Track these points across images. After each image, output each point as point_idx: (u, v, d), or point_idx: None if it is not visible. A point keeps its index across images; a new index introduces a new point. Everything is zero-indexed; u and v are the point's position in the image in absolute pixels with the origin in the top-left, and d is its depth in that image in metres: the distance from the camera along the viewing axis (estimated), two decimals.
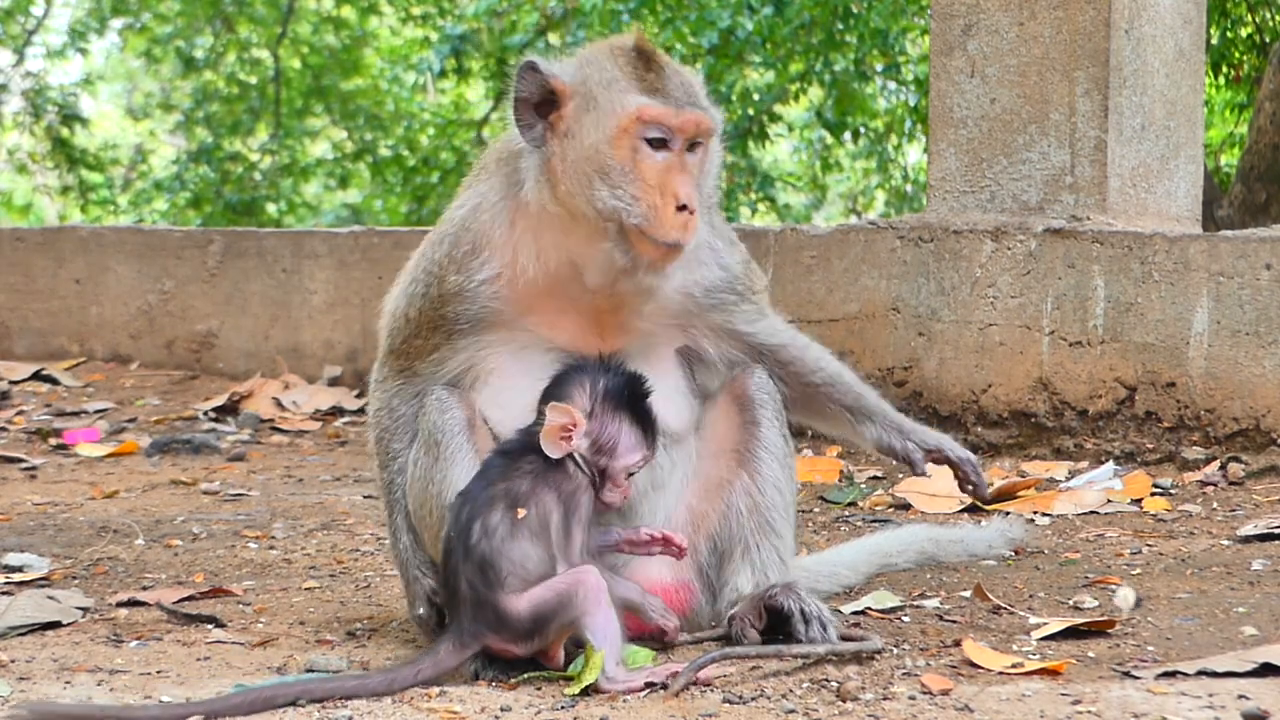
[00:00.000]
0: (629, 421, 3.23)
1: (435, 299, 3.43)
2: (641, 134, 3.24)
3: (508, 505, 3.14)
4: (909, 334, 6.23)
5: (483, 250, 3.39)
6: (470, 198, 3.47)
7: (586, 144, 3.26)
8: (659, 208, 3.21)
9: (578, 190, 3.25)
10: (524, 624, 3.09)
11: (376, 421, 3.56)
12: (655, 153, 3.25)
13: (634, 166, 3.23)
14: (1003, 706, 2.89)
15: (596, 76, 3.30)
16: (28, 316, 9.49)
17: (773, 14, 15.66)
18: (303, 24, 23.59)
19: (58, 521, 5.22)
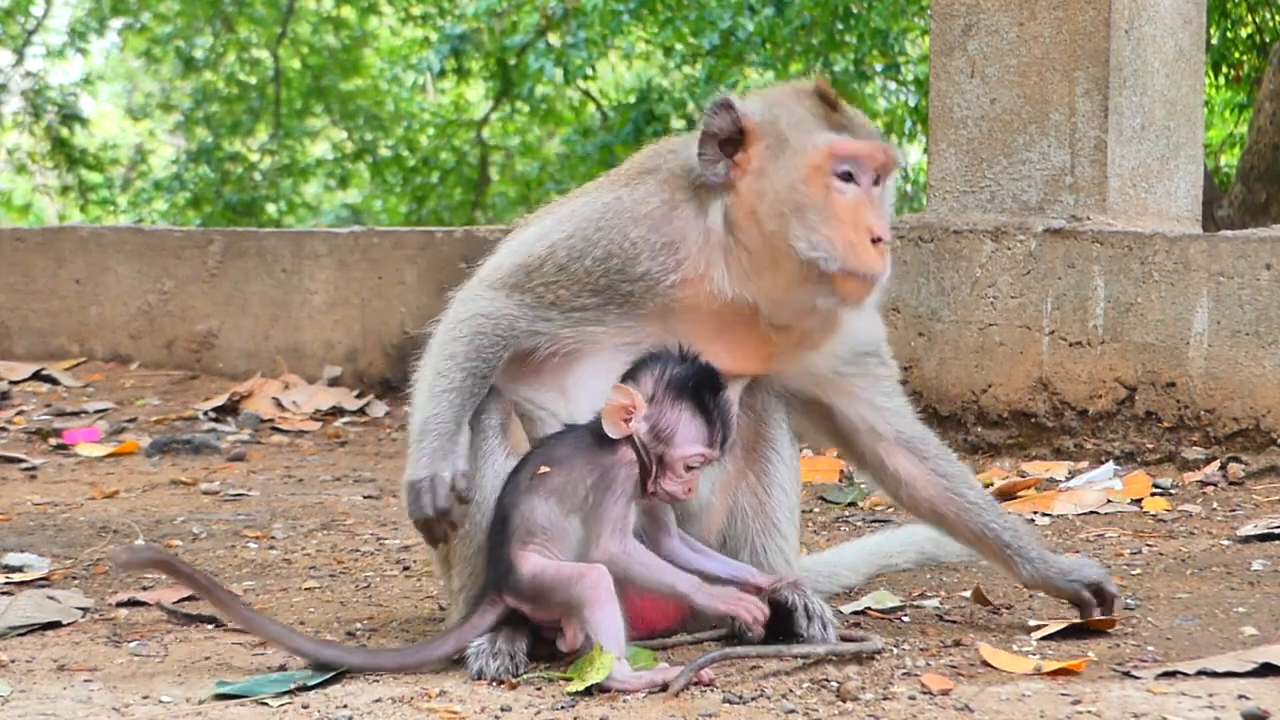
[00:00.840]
0: (690, 412, 3.23)
1: (616, 271, 3.34)
2: (834, 170, 3.28)
3: (537, 463, 3.22)
4: (909, 334, 6.23)
5: (680, 250, 3.35)
6: (660, 197, 3.40)
7: (781, 184, 3.29)
8: (855, 243, 3.25)
9: (777, 231, 3.28)
10: (525, 583, 3.16)
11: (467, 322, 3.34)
12: (846, 186, 3.29)
13: (827, 203, 3.27)
14: (1003, 706, 2.89)
15: (786, 117, 3.34)
16: (28, 316, 9.49)
17: (773, 15, 15.67)
18: (303, 24, 23.60)
19: (58, 521, 5.22)
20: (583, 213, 3.42)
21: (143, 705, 3.01)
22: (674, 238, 3.35)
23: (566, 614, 3.16)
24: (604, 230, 3.36)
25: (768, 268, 3.31)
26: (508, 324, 3.34)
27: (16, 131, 23.23)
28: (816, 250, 3.24)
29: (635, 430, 3.22)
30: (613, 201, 3.40)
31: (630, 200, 3.39)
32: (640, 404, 3.22)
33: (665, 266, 3.33)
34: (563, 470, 3.21)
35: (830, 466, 5.93)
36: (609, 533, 3.17)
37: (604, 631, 3.08)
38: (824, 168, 3.27)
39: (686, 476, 3.24)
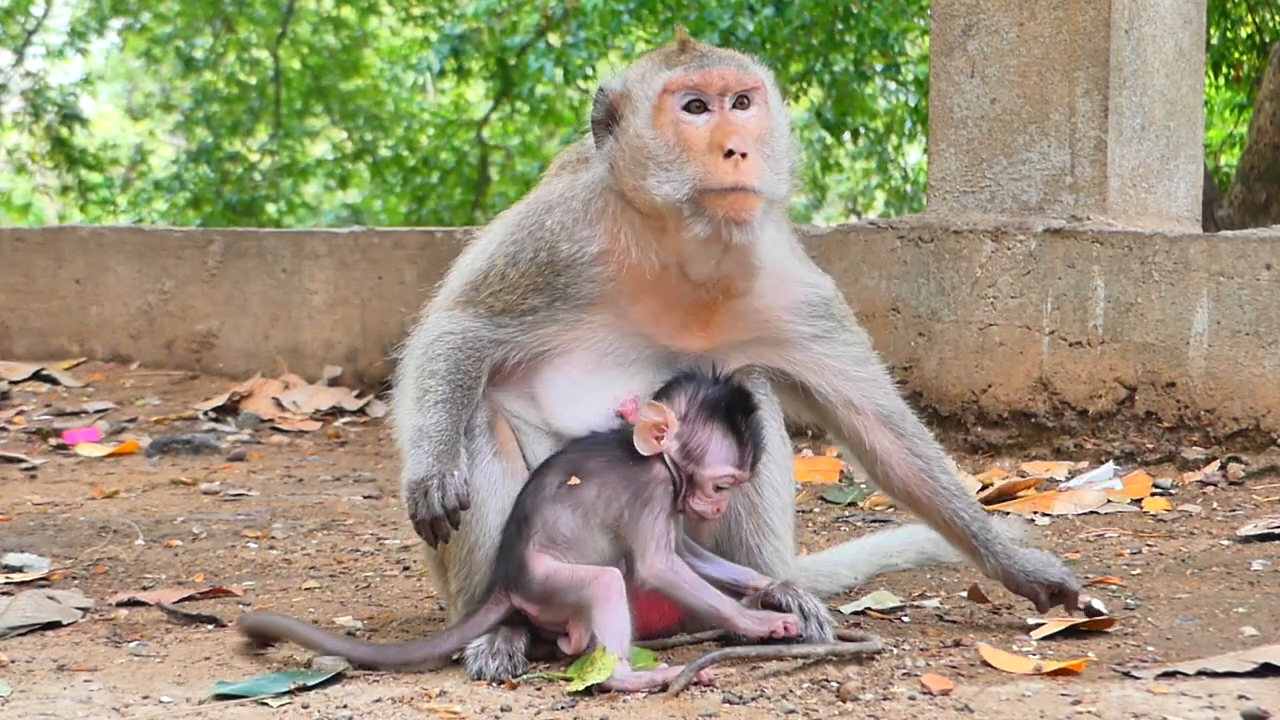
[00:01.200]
0: (722, 433, 3.25)
1: (545, 264, 3.39)
2: (677, 105, 3.28)
3: (567, 471, 3.24)
4: (909, 334, 6.23)
5: (591, 227, 3.39)
6: (564, 182, 3.49)
7: (633, 136, 3.31)
8: (706, 164, 3.24)
9: (640, 184, 3.29)
10: (536, 584, 3.17)
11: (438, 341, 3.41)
12: (696, 117, 3.29)
13: (678, 138, 3.27)
14: (1003, 706, 2.89)
15: (635, 76, 3.38)
16: (28, 316, 9.49)
17: (773, 15, 15.66)
18: (303, 24, 23.59)
19: (58, 521, 5.22)
20: (510, 219, 3.52)
21: (143, 705, 3.01)
22: (584, 214, 3.40)
23: (574, 617, 3.17)
24: (526, 228, 3.44)
25: (653, 220, 3.32)
26: (474, 336, 3.39)
27: (16, 131, 23.22)
28: (666, 184, 3.25)
29: (667, 448, 3.23)
30: (531, 200, 3.50)
31: (544, 194, 3.48)
32: (673, 422, 3.24)
33: (581, 244, 3.37)
34: (594, 484, 3.22)
35: (830, 466, 5.93)
36: (654, 549, 3.20)
37: (610, 631, 3.08)
38: (664, 106, 3.28)
39: (716, 496, 3.26)
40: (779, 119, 3.38)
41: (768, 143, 3.31)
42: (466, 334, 3.39)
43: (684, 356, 3.41)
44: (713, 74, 3.28)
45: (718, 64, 3.31)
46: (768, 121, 3.33)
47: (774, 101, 3.38)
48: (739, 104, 3.30)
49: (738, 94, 3.29)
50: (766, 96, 3.34)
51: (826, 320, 3.53)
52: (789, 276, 3.49)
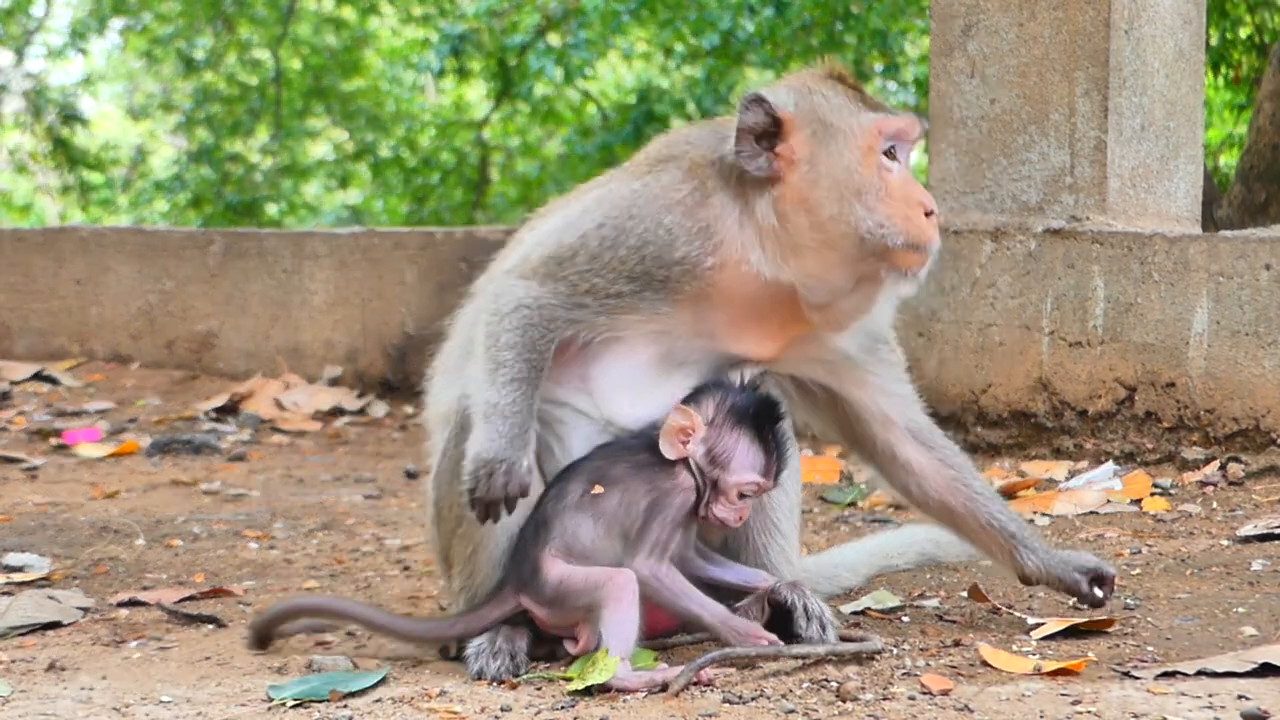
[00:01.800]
0: (749, 440, 3.26)
1: (654, 259, 3.34)
2: (881, 149, 3.34)
3: (592, 480, 3.23)
4: (909, 334, 6.23)
5: (715, 235, 3.36)
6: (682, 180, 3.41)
7: (837, 168, 3.33)
8: (911, 218, 3.32)
9: (837, 215, 3.30)
10: (549, 588, 3.17)
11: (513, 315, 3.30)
12: (892, 164, 3.36)
13: (882, 183, 3.32)
14: (1003, 706, 2.89)
15: (822, 104, 3.38)
16: (28, 316, 9.49)
17: (773, 15, 15.67)
18: (303, 24, 23.60)
19: (58, 521, 5.22)
20: (611, 200, 3.41)
21: (142, 705, 3.01)
22: (709, 223, 3.36)
23: (585, 619, 3.16)
24: (636, 218, 3.36)
25: (819, 249, 3.32)
26: (549, 315, 3.32)
27: (17, 131, 23.23)
28: (882, 228, 3.29)
29: (692, 453, 3.23)
30: (641, 189, 3.40)
31: (658, 187, 3.39)
32: (699, 426, 3.24)
33: (702, 250, 3.34)
34: (618, 491, 3.22)
35: (830, 466, 5.93)
36: (646, 552, 3.19)
37: (616, 631, 3.09)
38: (875, 147, 3.33)
39: (739, 504, 3.26)
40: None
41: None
42: (543, 310, 3.31)
43: (745, 364, 3.42)
44: (914, 124, 3.38)
45: (907, 113, 3.40)
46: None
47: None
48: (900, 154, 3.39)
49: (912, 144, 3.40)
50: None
51: (875, 339, 3.56)
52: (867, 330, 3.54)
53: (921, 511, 3.73)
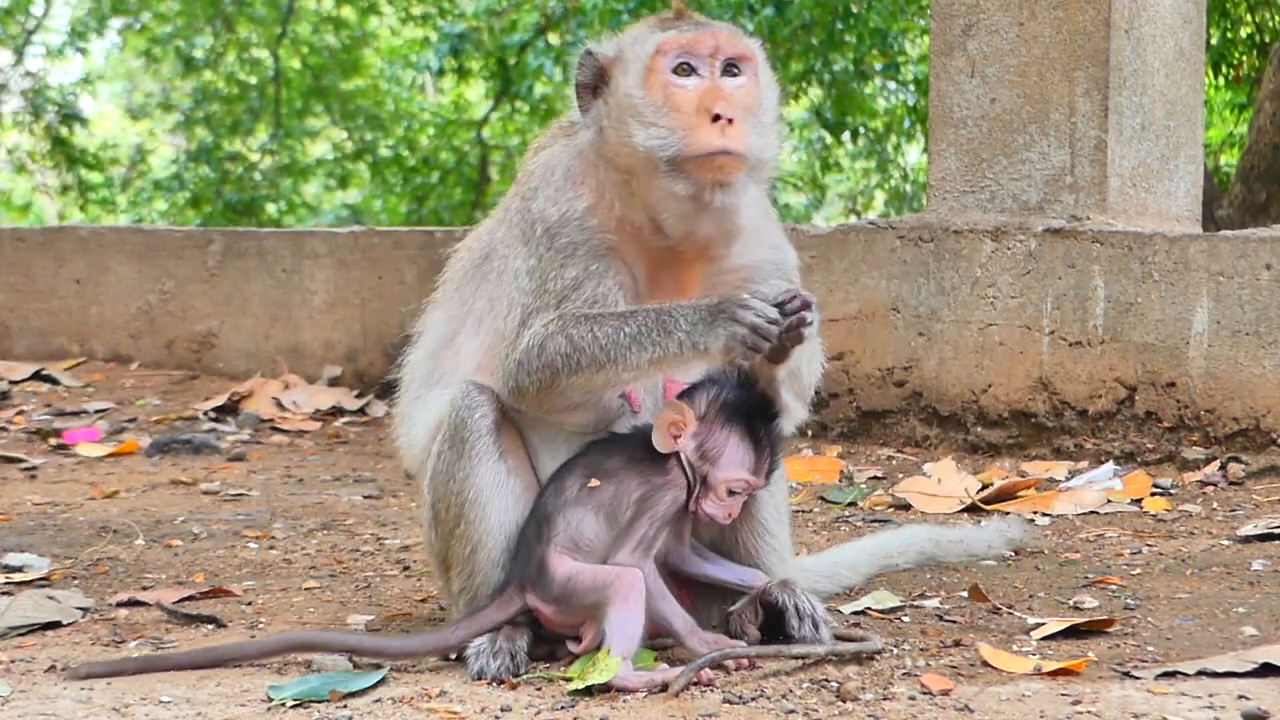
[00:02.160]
0: (739, 436, 3.24)
1: (545, 235, 3.37)
2: (667, 67, 3.30)
3: (588, 473, 3.23)
4: (909, 334, 6.23)
5: (574, 186, 3.40)
6: (547, 155, 3.49)
7: (622, 96, 3.33)
8: (693, 126, 3.26)
9: (624, 142, 3.31)
10: (555, 586, 3.17)
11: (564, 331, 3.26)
12: (685, 80, 3.30)
13: (666, 99, 3.29)
14: (1003, 706, 2.89)
15: (628, 40, 3.40)
16: (28, 316, 9.49)
17: (773, 14, 15.67)
18: (303, 24, 23.60)
19: (58, 521, 5.22)
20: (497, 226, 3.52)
21: (142, 705, 3.01)
22: (567, 177, 3.41)
23: (591, 618, 3.16)
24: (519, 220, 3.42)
25: (636, 179, 3.32)
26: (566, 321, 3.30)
27: (16, 131, 23.23)
28: (653, 140, 3.26)
29: (683, 448, 3.23)
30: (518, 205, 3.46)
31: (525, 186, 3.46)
32: (691, 421, 3.23)
33: (568, 200, 3.37)
34: (612, 484, 3.22)
35: (830, 466, 5.93)
36: (630, 548, 3.19)
37: (620, 630, 3.08)
38: (655, 66, 3.30)
39: (728, 500, 3.25)
40: (768, 91, 3.40)
41: (755, 112, 3.33)
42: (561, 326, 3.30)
43: None
44: (704, 35, 3.31)
45: (710, 27, 3.34)
46: (756, 92, 3.35)
47: (764, 74, 3.40)
48: (728, 70, 3.32)
49: (727, 59, 3.31)
50: (756, 68, 3.36)
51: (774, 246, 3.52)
52: (762, 240, 3.49)
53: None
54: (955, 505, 5.18)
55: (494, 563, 3.31)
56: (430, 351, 3.62)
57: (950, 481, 5.38)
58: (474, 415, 3.34)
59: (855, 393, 6.39)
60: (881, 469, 5.93)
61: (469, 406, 3.35)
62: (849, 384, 6.41)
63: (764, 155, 3.34)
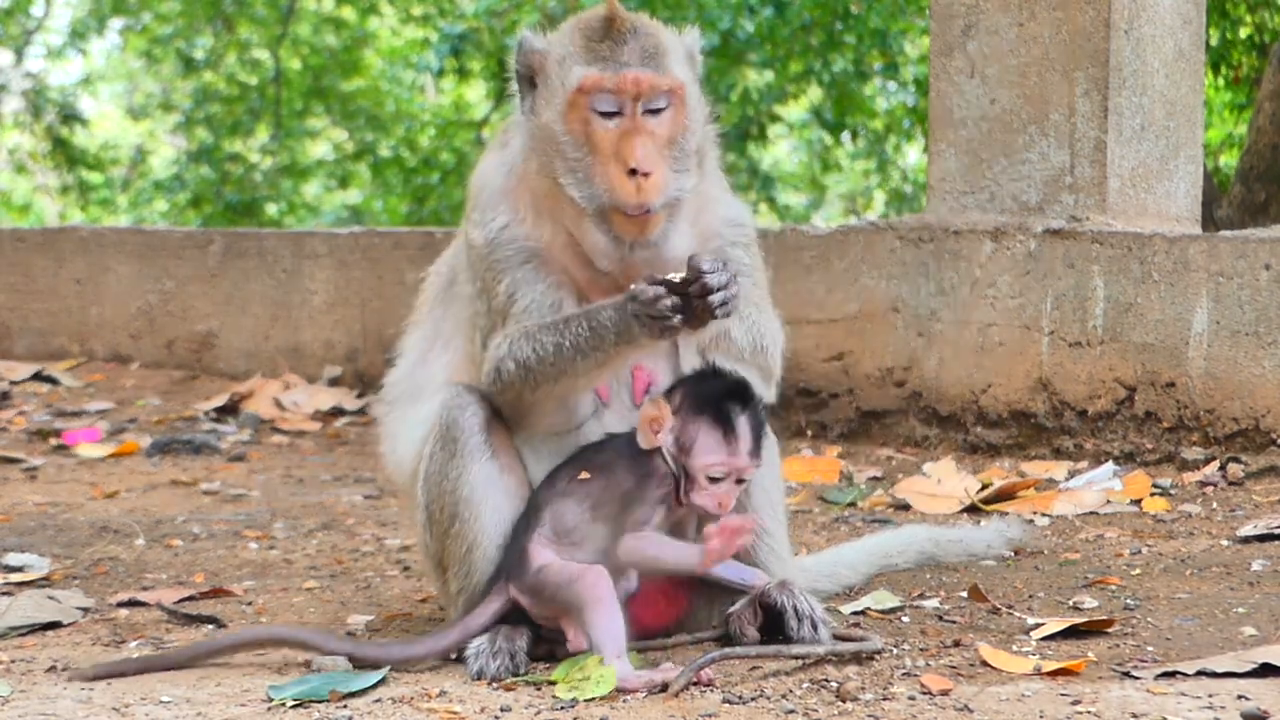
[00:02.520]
0: (710, 424, 3.25)
1: (476, 261, 3.38)
2: (589, 105, 3.25)
3: (579, 468, 3.28)
4: (909, 334, 6.23)
5: (496, 203, 3.38)
6: (479, 170, 3.50)
7: (544, 122, 3.29)
8: (612, 177, 3.20)
9: (547, 174, 3.29)
10: (529, 576, 3.21)
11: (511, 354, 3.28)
12: (607, 121, 3.24)
13: (587, 138, 3.25)
14: (1003, 706, 2.89)
15: (557, 50, 3.33)
16: (28, 316, 9.49)
17: (773, 15, 15.68)
18: (303, 24, 23.60)
19: (58, 521, 5.22)
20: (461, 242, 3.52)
21: (142, 705, 3.01)
22: (489, 198, 3.39)
23: (565, 614, 3.18)
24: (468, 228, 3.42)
25: (556, 206, 3.30)
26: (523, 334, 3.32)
27: (17, 131, 23.23)
28: (578, 189, 3.23)
29: (663, 442, 3.25)
30: (468, 196, 3.47)
31: (473, 182, 3.47)
32: (667, 416, 3.25)
33: (487, 222, 3.36)
34: (602, 477, 3.26)
35: (830, 466, 5.93)
36: (631, 528, 3.23)
37: (603, 631, 3.09)
38: (576, 103, 3.25)
39: (712, 489, 3.25)
40: (694, 109, 3.32)
41: (678, 143, 3.26)
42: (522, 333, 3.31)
43: None
44: (627, 79, 3.23)
45: (638, 64, 3.24)
46: (682, 120, 3.28)
47: (690, 94, 3.30)
48: (651, 109, 3.25)
49: (650, 101, 3.24)
50: (684, 94, 3.28)
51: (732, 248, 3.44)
52: (715, 212, 3.43)
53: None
54: (955, 505, 5.18)
55: (490, 560, 3.31)
56: (408, 370, 3.66)
57: (950, 481, 5.38)
58: (465, 414, 3.35)
59: (855, 393, 6.39)
60: (881, 469, 5.93)
61: (459, 405, 3.36)
62: (849, 384, 6.41)
63: (685, 186, 3.26)
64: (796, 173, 23.57)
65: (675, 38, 3.38)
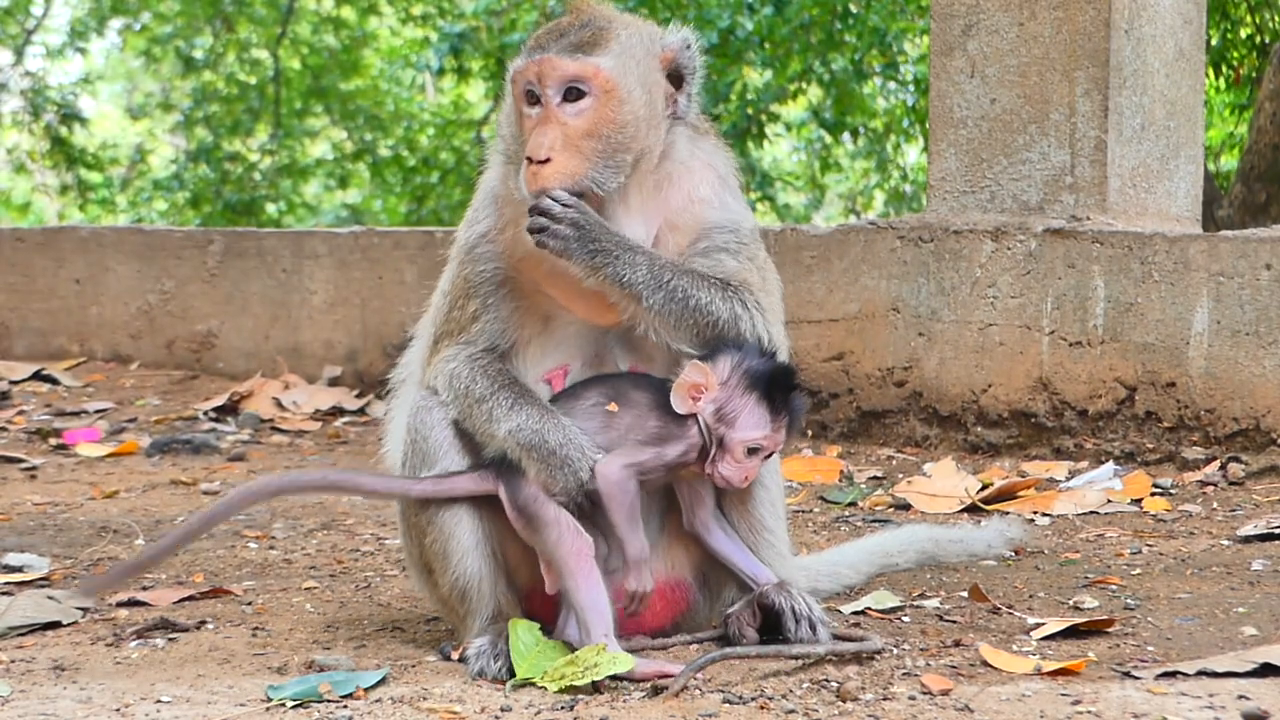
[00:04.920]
0: (759, 401, 3.25)
1: (458, 263, 3.41)
2: (520, 95, 3.25)
3: (610, 395, 3.27)
4: (909, 334, 6.23)
5: (488, 206, 3.41)
6: (485, 173, 3.51)
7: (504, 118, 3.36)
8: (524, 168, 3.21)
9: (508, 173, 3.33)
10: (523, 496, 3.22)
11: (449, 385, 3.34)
12: (530, 110, 3.24)
13: (519, 130, 3.26)
14: (1003, 706, 2.89)
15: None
16: (28, 316, 9.48)
17: (772, 14, 15.68)
18: (302, 24, 23.60)
19: (58, 521, 5.22)
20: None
21: (142, 705, 3.01)
22: (492, 188, 3.41)
23: (543, 555, 3.21)
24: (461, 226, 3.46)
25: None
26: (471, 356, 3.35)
27: (16, 131, 23.23)
28: (514, 181, 3.24)
29: (701, 410, 3.24)
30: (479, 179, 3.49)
31: (478, 182, 3.48)
32: (713, 385, 3.25)
33: (473, 227, 3.39)
34: (631, 414, 3.25)
35: (830, 466, 5.93)
36: (625, 460, 3.21)
37: (590, 608, 3.12)
38: (513, 95, 3.26)
39: (745, 462, 3.25)
40: (628, 104, 3.24)
41: (602, 135, 3.20)
42: (466, 359, 3.35)
43: (606, 330, 3.36)
44: (535, 65, 3.20)
45: (554, 52, 3.20)
46: (607, 111, 3.21)
47: (624, 83, 3.23)
48: (568, 95, 3.20)
49: (567, 85, 3.20)
50: (609, 86, 3.21)
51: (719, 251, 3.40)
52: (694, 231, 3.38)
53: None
54: (955, 505, 5.18)
55: (476, 545, 3.31)
56: (411, 356, 3.68)
57: (950, 481, 5.38)
58: (430, 415, 3.35)
59: (855, 393, 6.39)
60: (881, 469, 5.93)
61: (425, 409, 3.37)
62: (849, 384, 6.41)
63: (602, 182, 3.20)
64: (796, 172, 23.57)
65: (641, 36, 3.31)
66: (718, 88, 16.69)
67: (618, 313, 3.28)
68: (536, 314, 3.38)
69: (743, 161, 18.66)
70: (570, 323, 3.37)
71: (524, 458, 3.21)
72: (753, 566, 3.39)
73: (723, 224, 3.38)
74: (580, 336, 3.37)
